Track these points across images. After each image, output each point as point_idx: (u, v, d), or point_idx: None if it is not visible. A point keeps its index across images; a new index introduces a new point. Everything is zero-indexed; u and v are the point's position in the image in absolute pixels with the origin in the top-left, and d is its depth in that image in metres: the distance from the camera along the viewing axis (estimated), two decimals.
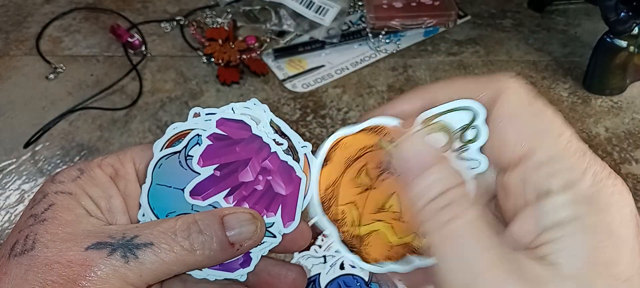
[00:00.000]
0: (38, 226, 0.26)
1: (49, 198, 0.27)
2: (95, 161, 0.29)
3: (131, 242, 0.25)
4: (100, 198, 0.28)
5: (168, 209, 0.29)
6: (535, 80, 0.67)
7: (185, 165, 0.30)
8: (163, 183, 0.29)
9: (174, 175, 0.29)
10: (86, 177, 0.28)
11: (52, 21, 0.76)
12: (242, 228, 0.27)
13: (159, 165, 0.30)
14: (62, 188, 0.27)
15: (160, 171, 0.30)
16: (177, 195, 0.29)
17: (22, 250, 0.25)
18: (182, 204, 0.29)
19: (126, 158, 0.30)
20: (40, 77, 0.68)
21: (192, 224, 0.26)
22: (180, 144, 0.30)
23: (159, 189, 0.29)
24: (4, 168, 0.59)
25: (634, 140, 0.60)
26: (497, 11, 0.77)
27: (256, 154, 0.30)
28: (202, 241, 0.26)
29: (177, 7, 0.77)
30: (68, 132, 0.62)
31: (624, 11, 0.58)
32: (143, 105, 0.65)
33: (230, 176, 0.29)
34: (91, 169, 0.29)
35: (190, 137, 0.30)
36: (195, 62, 0.70)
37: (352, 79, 0.68)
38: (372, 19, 0.72)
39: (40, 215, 0.26)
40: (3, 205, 0.56)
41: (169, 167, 0.30)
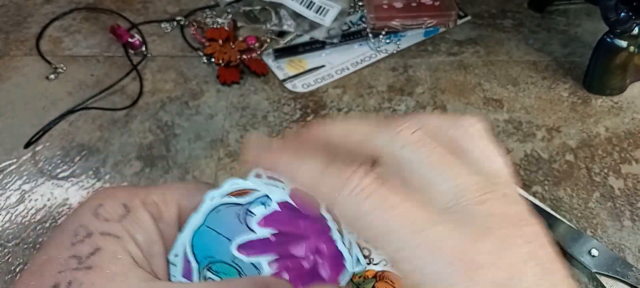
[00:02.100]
0: (82, 273, 0.24)
1: (94, 239, 0.25)
2: (139, 196, 0.28)
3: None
4: (144, 244, 0.27)
5: (208, 253, 0.29)
6: (536, 80, 0.67)
7: (242, 219, 0.29)
8: (213, 228, 0.29)
9: (228, 225, 0.29)
10: (132, 218, 0.27)
11: (52, 21, 0.76)
12: None
13: (216, 210, 0.29)
14: (108, 229, 0.26)
15: (215, 216, 0.29)
16: (223, 243, 0.29)
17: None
18: (223, 253, 0.29)
19: (172, 199, 0.29)
20: (40, 77, 0.68)
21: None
22: (242, 198, 0.29)
23: (206, 232, 0.29)
24: (4, 169, 0.59)
25: (634, 140, 0.60)
26: (498, 11, 0.77)
27: (316, 235, 0.29)
28: None
29: (177, 8, 0.77)
30: (68, 132, 0.62)
31: (624, 11, 0.58)
32: (143, 105, 0.65)
33: (283, 245, 0.29)
34: (137, 209, 0.27)
35: (258, 196, 0.29)
36: (195, 62, 0.70)
37: (352, 79, 0.68)
38: (373, 19, 0.72)
39: (85, 260, 0.25)
40: (4, 206, 0.56)
41: (225, 215, 0.29)
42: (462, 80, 0.67)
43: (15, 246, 0.53)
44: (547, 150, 0.60)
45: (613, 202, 0.55)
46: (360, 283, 0.49)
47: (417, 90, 0.66)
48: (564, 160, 0.59)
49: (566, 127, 0.62)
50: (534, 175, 0.57)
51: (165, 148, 0.60)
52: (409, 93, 0.66)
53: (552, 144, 0.60)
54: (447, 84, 0.67)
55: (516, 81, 0.67)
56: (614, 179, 0.57)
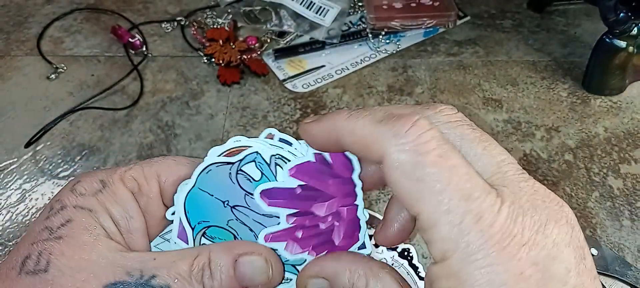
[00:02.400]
0: (53, 244, 0.25)
1: (67, 212, 0.26)
2: (118, 172, 0.28)
3: (148, 283, 0.24)
4: (120, 218, 0.27)
5: (202, 217, 0.28)
6: (535, 80, 0.67)
7: (234, 178, 0.28)
8: (205, 190, 0.28)
9: (220, 186, 0.28)
10: (108, 191, 0.27)
11: (53, 21, 0.76)
12: (255, 274, 0.26)
13: (207, 170, 0.28)
14: (82, 202, 0.26)
15: (206, 177, 0.28)
16: (216, 206, 0.28)
17: (35, 269, 0.24)
18: (217, 216, 0.28)
19: (151, 172, 0.28)
20: (41, 77, 0.69)
21: (206, 266, 0.26)
22: (233, 157, 0.29)
23: (199, 194, 0.28)
24: (5, 168, 0.59)
25: (634, 140, 0.60)
26: (497, 12, 0.77)
27: (341, 197, 0.28)
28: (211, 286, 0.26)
29: (177, 8, 0.78)
30: (69, 132, 0.62)
31: (623, 11, 0.59)
32: (144, 105, 0.65)
33: (307, 200, 0.28)
34: (113, 183, 0.27)
35: (248, 153, 0.29)
36: (195, 63, 0.70)
37: (352, 79, 0.68)
38: (372, 19, 0.72)
39: (56, 230, 0.25)
40: (4, 205, 0.56)
41: (217, 176, 0.28)
42: (461, 80, 0.67)
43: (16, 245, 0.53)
44: (546, 150, 0.60)
45: (612, 202, 0.55)
46: None
47: (416, 90, 0.66)
48: (563, 160, 0.59)
49: (565, 127, 0.62)
50: (533, 175, 0.57)
51: (165, 148, 0.61)
52: (409, 93, 0.66)
53: (551, 143, 0.60)
54: (447, 84, 0.67)
55: (515, 81, 0.67)
56: (613, 179, 0.57)
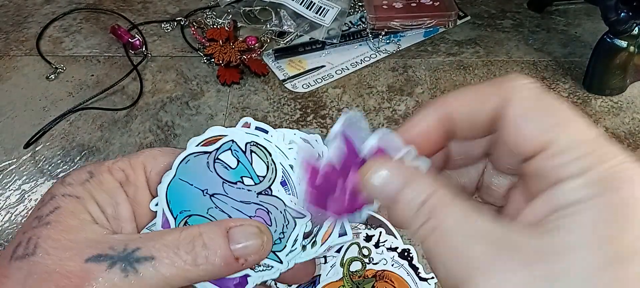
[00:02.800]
0: (41, 229, 0.25)
1: (55, 200, 0.27)
2: (106, 164, 0.29)
3: (132, 255, 0.25)
4: (107, 205, 0.27)
5: (183, 207, 0.29)
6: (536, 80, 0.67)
7: (212, 167, 0.29)
8: (185, 180, 0.29)
9: (199, 175, 0.29)
10: (95, 181, 0.28)
11: (53, 21, 0.76)
12: (248, 242, 0.26)
13: (186, 160, 0.29)
14: (69, 191, 0.27)
15: (186, 167, 0.29)
16: (196, 195, 0.29)
17: (24, 254, 0.25)
18: (198, 205, 0.29)
19: (137, 163, 0.29)
20: (40, 77, 0.68)
21: (196, 238, 0.26)
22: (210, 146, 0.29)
23: (180, 184, 0.29)
24: (5, 169, 0.59)
25: (634, 140, 0.60)
26: (497, 12, 0.77)
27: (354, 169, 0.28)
28: (206, 255, 0.26)
29: (177, 8, 0.78)
30: (68, 132, 0.62)
31: (624, 11, 0.58)
32: (144, 105, 0.65)
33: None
34: (101, 173, 0.28)
35: (223, 141, 0.29)
36: (195, 63, 0.70)
37: (352, 79, 0.68)
38: (372, 19, 0.72)
39: (45, 217, 0.26)
40: (3, 205, 0.56)
41: (195, 166, 0.29)
42: (461, 80, 0.67)
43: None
44: None
45: None
46: (360, 283, 0.49)
47: (416, 90, 0.66)
48: None
49: None
50: None
51: None
52: (409, 93, 0.66)
53: None
54: (447, 84, 0.67)
55: None
56: None
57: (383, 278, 0.49)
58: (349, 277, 0.49)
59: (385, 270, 0.50)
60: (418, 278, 0.49)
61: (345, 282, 0.49)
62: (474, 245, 0.21)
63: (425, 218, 0.22)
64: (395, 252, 0.51)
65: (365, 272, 0.50)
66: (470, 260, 0.21)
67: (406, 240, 0.52)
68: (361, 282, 0.49)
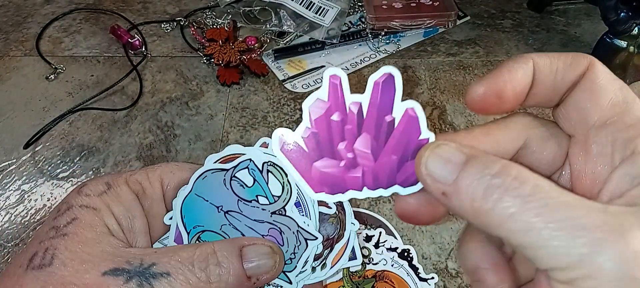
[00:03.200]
0: (58, 240, 0.25)
1: (72, 211, 0.27)
2: (123, 176, 0.29)
3: (148, 270, 0.25)
4: (123, 217, 0.28)
5: (197, 222, 0.29)
6: None
7: (228, 184, 0.29)
8: (201, 195, 0.29)
9: (214, 191, 0.29)
10: (112, 193, 0.28)
11: (52, 22, 0.76)
12: (261, 261, 0.27)
13: (203, 176, 0.29)
14: (87, 202, 0.27)
15: (202, 182, 0.29)
16: (211, 211, 0.29)
17: (40, 264, 0.25)
18: (212, 221, 0.29)
19: (155, 176, 0.29)
20: (40, 77, 0.68)
21: (211, 255, 0.26)
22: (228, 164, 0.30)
23: (195, 199, 0.29)
24: (4, 169, 0.59)
25: None
26: (497, 11, 0.77)
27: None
28: (219, 273, 0.26)
29: (177, 8, 0.77)
30: (68, 133, 0.62)
31: (623, 11, 0.58)
32: (143, 105, 0.65)
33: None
34: (118, 185, 0.28)
35: (241, 160, 0.30)
36: (195, 63, 0.70)
37: (352, 80, 0.68)
38: (372, 19, 0.72)
39: (62, 228, 0.26)
40: (3, 206, 0.56)
41: (212, 182, 0.29)
42: (461, 80, 0.67)
43: (15, 246, 0.53)
44: None
45: None
46: (360, 283, 0.49)
47: (416, 90, 0.66)
48: None
49: None
50: None
51: (165, 148, 0.61)
52: (409, 93, 0.66)
53: None
54: (447, 84, 0.67)
55: None
56: None
57: (383, 279, 0.49)
58: (349, 277, 0.49)
59: (385, 271, 0.50)
60: (418, 278, 0.49)
61: (345, 282, 0.49)
62: (595, 213, 0.19)
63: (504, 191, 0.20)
64: (395, 252, 0.51)
65: (365, 272, 0.50)
66: (600, 227, 0.19)
67: (406, 240, 0.52)
68: (361, 282, 0.49)
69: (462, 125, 0.62)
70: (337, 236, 0.30)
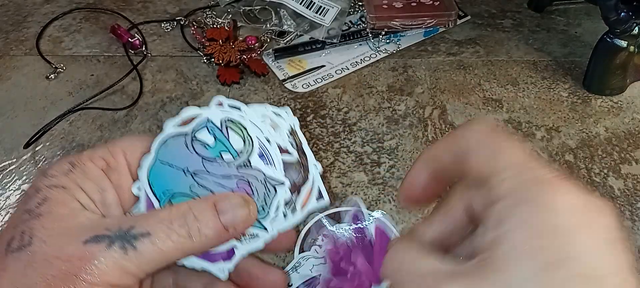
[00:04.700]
0: (34, 221, 0.26)
1: (42, 192, 0.27)
2: (85, 154, 0.29)
3: (129, 233, 0.26)
4: (93, 192, 0.28)
5: (166, 187, 0.30)
6: (535, 80, 0.67)
7: (190, 147, 0.30)
8: (166, 161, 0.30)
9: (178, 155, 0.30)
10: (78, 170, 0.28)
11: (52, 21, 0.76)
12: (235, 211, 0.28)
13: (164, 142, 0.30)
14: (54, 182, 0.27)
15: (165, 148, 0.30)
16: (178, 175, 0.30)
17: (20, 246, 0.25)
18: (180, 184, 0.30)
19: (117, 150, 0.30)
20: (40, 77, 0.68)
21: (187, 212, 0.27)
22: (186, 127, 0.30)
23: (160, 166, 0.30)
24: (4, 169, 0.59)
25: (634, 140, 0.60)
26: (497, 11, 0.77)
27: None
28: (198, 227, 0.27)
29: (177, 7, 0.77)
30: (68, 132, 0.62)
31: (624, 11, 0.58)
32: (143, 105, 0.65)
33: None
34: (83, 163, 0.28)
35: (199, 120, 0.30)
36: (195, 62, 0.70)
37: (352, 79, 0.68)
38: (372, 19, 0.72)
39: (35, 210, 0.26)
40: (3, 205, 0.56)
41: (174, 147, 0.30)
42: (461, 80, 0.67)
43: None
44: (547, 150, 0.60)
45: (613, 202, 0.55)
46: None
47: (416, 90, 0.66)
48: (564, 160, 0.59)
49: (566, 127, 0.62)
50: None
51: None
52: (409, 93, 0.66)
53: (551, 144, 0.60)
54: (447, 83, 0.67)
55: (516, 81, 0.67)
56: (614, 179, 0.57)
57: None
58: None
59: None
60: None
61: None
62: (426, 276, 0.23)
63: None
64: None
65: None
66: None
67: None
68: None
69: None
70: (302, 180, 0.31)
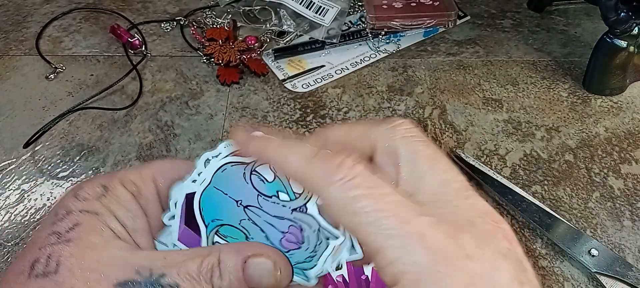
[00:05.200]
0: (62, 246, 0.25)
1: (73, 216, 0.26)
2: (117, 177, 0.28)
3: (158, 282, 0.25)
4: (126, 219, 0.27)
5: (216, 215, 0.29)
6: (535, 80, 0.67)
7: (248, 178, 0.29)
8: (220, 189, 0.29)
9: (234, 185, 0.29)
10: (111, 195, 0.27)
11: (52, 21, 0.76)
12: (263, 277, 0.27)
13: (222, 169, 0.29)
14: (87, 206, 0.27)
15: (221, 175, 0.29)
16: (230, 205, 0.29)
17: (44, 271, 0.24)
18: (231, 216, 0.29)
19: (148, 175, 0.29)
20: (40, 77, 0.68)
21: (215, 267, 0.26)
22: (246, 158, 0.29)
23: (213, 192, 0.29)
24: (4, 168, 0.59)
25: (634, 140, 0.60)
26: (497, 11, 0.77)
27: None
28: (220, 285, 0.26)
29: (177, 7, 0.77)
30: (68, 132, 0.62)
31: (624, 11, 0.58)
32: (143, 105, 0.65)
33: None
34: (115, 187, 0.28)
35: None
36: (195, 62, 0.70)
37: (352, 79, 0.68)
38: (372, 19, 0.72)
39: (64, 234, 0.25)
40: (3, 205, 0.56)
41: (231, 175, 0.29)
42: (461, 80, 0.67)
43: (15, 246, 0.53)
44: (547, 150, 0.60)
45: (613, 202, 0.55)
46: None
47: (416, 90, 0.66)
48: (564, 160, 0.59)
49: (565, 127, 0.62)
50: (533, 175, 0.57)
51: (165, 148, 0.60)
52: (409, 93, 0.66)
53: (551, 143, 0.60)
54: (447, 83, 0.67)
55: (515, 81, 0.67)
56: (614, 179, 0.57)
57: None
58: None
59: None
60: None
61: None
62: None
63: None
64: None
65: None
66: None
67: None
68: None
69: (462, 125, 0.62)
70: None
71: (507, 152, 0.59)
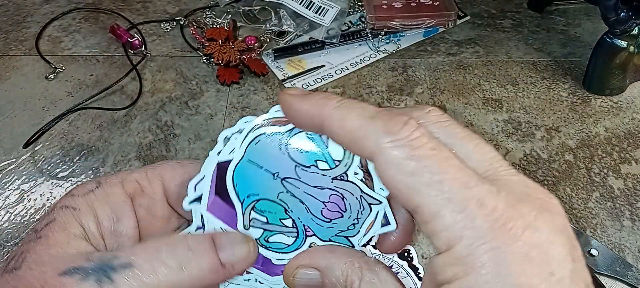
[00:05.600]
0: (33, 243, 0.25)
1: (54, 213, 0.26)
2: (120, 175, 0.28)
3: (108, 264, 0.24)
4: (105, 219, 0.27)
5: (251, 190, 0.27)
6: (535, 80, 0.67)
7: (284, 149, 0.27)
8: (255, 161, 0.27)
9: (269, 157, 0.27)
10: (100, 192, 0.27)
11: (52, 21, 0.76)
12: (234, 248, 0.26)
13: (256, 140, 0.27)
14: (70, 202, 0.26)
15: (255, 147, 0.27)
16: (266, 178, 0.27)
17: (13, 267, 0.25)
18: (267, 190, 0.27)
19: (154, 175, 0.28)
20: (39, 77, 0.68)
21: (180, 241, 0.25)
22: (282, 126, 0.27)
23: (248, 166, 0.27)
24: (4, 168, 0.59)
25: (634, 140, 0.60)
26: (497, 11, 0.77)
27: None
28: (190, 258, 0.25)
29: (177, 7, 0.77)
30: (68, 132, 0.62)
31: (624, 11, 0.58)
32: (143, 105, 0.65)
33: None
34: (110, 185, 0.27)
35: None
36: (195, 62, 0.70)
37: (351, 79, 0.68)
38: (372, 19, 0.72)
39: (40, 231, 0.26)
40: (2, 205, 0.56)
41: (266, 147, 0.27)
42: (461, 80, 0.67)
43: (14, 246, 0.53)
44: (547, 150, 0.60)
45: (613, 202, 0.55)
46: None
47: (416, 90, 0.66)
48: (564, 160, 0.59)
49: (565, 127, 0.62)
50: (533, 175, 0.57)
51: (165, 148, 0.60)
52: (408, 93, 0.66)
53: (551, 143, 0.60)
54: (447, 83, 0.67)
55: (515, 81, 0.67)
56: (614, 179, 0.57)
57: None
58: None
59: None
60: (418, 278, 0.49)
61: None
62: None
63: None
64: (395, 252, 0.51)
65: None
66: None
67: None
68: None
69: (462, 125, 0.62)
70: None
71: (507, 152, 0.59)
